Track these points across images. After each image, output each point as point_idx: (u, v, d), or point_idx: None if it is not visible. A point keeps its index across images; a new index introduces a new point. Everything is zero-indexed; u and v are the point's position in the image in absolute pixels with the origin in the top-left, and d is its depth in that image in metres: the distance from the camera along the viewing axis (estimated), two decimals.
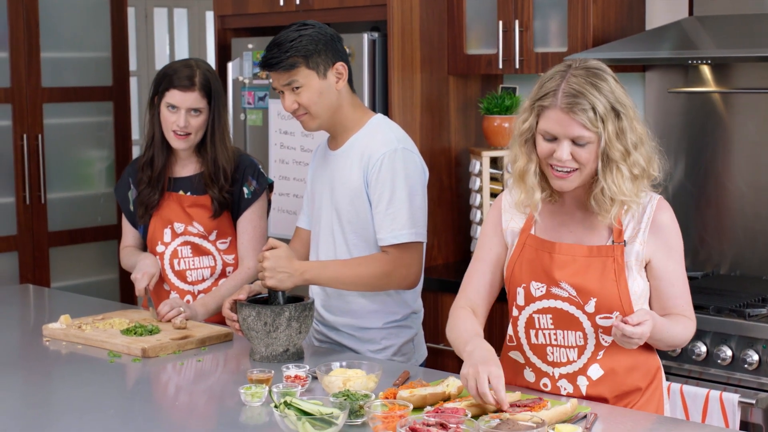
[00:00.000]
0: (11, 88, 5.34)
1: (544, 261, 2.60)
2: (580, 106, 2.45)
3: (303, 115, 3.14)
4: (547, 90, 2.50)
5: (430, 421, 2.25)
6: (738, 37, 3.79)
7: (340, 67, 3.13)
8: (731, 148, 4.00)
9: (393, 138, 3.14)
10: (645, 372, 2.63)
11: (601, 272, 2.55)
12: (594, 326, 2.56)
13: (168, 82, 3.44)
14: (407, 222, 3.08)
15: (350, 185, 3.14)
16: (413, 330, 3.28)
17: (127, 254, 3.69)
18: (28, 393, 2.84)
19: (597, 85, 2.47)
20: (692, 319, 2.63)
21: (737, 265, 4.02)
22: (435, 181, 4.44)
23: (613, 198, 2.51)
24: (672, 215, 2.63)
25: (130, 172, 3.69)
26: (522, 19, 4.16)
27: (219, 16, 4.96)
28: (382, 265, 3.10)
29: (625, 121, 2.49)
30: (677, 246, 2.62)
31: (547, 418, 2.31)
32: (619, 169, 2.49)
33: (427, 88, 4.39)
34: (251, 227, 3.53)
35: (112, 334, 3.22)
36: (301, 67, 3.08)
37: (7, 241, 5.38)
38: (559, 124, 2.47)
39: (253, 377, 2.71)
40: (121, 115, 5.86)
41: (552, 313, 2.59)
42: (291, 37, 3.08)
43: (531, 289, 2.61)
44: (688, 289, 2.65)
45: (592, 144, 2.48)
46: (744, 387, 3.38)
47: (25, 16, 5.36)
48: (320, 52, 3.09)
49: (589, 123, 2.45)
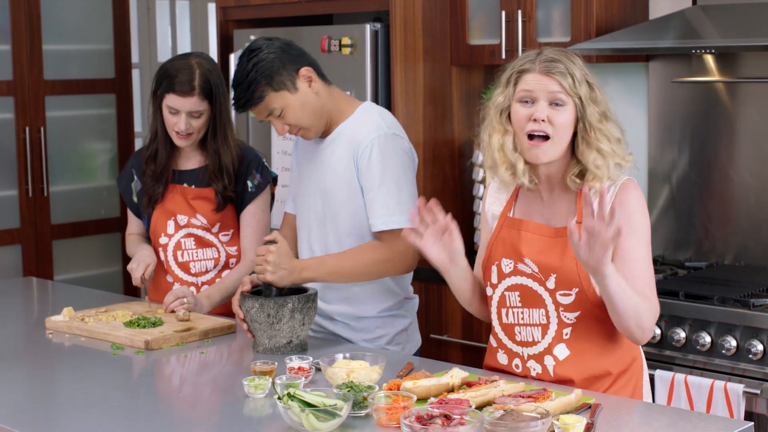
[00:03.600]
0: (13, 81, 5.34)
1: (514, 238, 2.68)
2: (558, 68, 2.56)
3: (298, 131, 3.13)
4: (525, 59, 2.61)
5: (434, 413, 2.24)
6: (742, 26, 3.77)
7: (306, 72, 3.09)
8: (735, 138, 3.99)
9: (382, 124, 3.13)
10: (617, 358, 2.63)
11: (562, 250, 2.59)
12: (555, 303, 2.60)
13: (168, 85, 3.42)
14: (398, 208, 3.08)
15: (341, 173, 3.13)
16: (408, 319, 3.29)
17: (131, 242, 3.70)
18: (32, 385, 2.84)
19: (570, 58, 2.59)
20: (652, 302, 2.57)
21: (742, 256, 4.01)
22: (438, 172, 4.43)
23: (600, 152, 2.55)
24: (637, 195, 2.60)
25: (133, 163, 3.68)
26: (525, 9, 4.14)
27: (221, 7, 4.95)
28: (379, 253, 3.10)
29: (597, 93, 2.58)
30: (639, 226, 2.58)
31: (551, 409, 2.30)
32: (600, 129, 2.57)
33: (430, 79, 4.38)
34: (255, 221, 3.53)
35: (115, 327, 3.22)
36: (270, 94, 3.05)
37: (10, 233, 5.38)
38: (538, 82, 2.56)
39: (257, 369, 2.71)
40: (124, 108, 5.86)
41: (519, 290, 2.65)
42: (246, 70, 3.04)
43: (502, 265, 2.68)
44: (649, 272, 2.60)
45: (567, 108, 2.55)
46: (749, 377, 3.38)
47: (26, 9, 5.35)
48: (279, 70, 3.05)
49: (567, 84, 2.54)
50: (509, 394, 2.43)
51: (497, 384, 2.48)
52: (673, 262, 4.11)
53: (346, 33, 4.37)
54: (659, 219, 4.20)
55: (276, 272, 2.98)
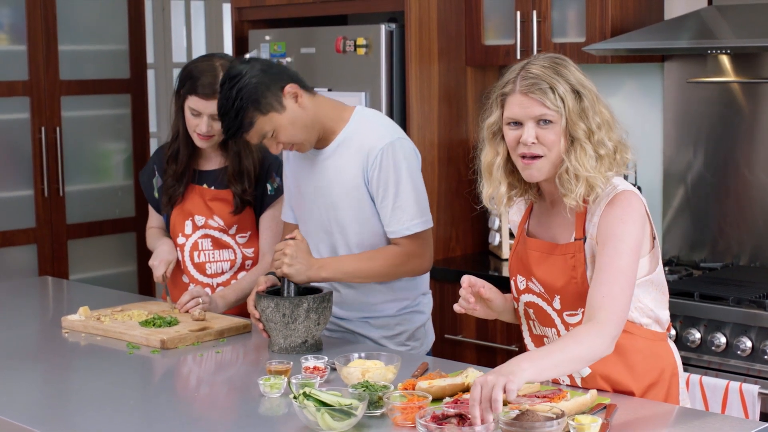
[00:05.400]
0: (29, 81, 5.36)
1: (524, 255, 2.65)
2: (538, 86, 2.48)
3: (292, 147, 3.11)
4: (507, 80, 2.55)
5: (450, 412, 2.24)
6: (757, 26, 3.76)
7: (290, 89, 3.04)
8: (751, 138, 3.98)
9: (385, 131, 3.12)
10: (643, 372, 2.57)
11: (562, 269, 2.55)
12: (564, 323, 2.58)
13: (191, 86, 3.38)
14: (416, 212, 3.09)
15: (348, 182, 3.12)
16: (425, 315, 3.30)
17: (151, 236, 3.71)
18: (48, 384, 2.85)
19: (555, 69, 2.51)
20: (602, 322, 2.39)
21: (757, 256, 4.00)
22: (453, 172, 4.43)
23: (577, 175, 2.48)
24: (628, 203, 2.48)
25: (155, 159, 3.68)
26: (540, 9, 4.14)
27: (236, 8, 4.96)
28: (396, 257, 3.10)
29: (587, 102, 2.49)
30: (621, 234, 2.45)
31: (566, 409, 2.30)
32: (583, 148, 2.48)
33: (445, 79, 4.38)
34: (274, 224, 3.52)
35: (130, 326, 3.23)
36: (258, 118, 3.01)
37: (26, 233, 5.40)
38: (521, 107, 2.50)
39: (272, 368, 2.71)
40: (139, 108, 5.87)
41: (533, 308, 2.64)
42: (231, 98, 2.99)
43: (517, 282, 2.67)
44: (618, 280, 2.43)
45: (556, 125, 2.48)
46: (764, 378, 3.37)
47: (42, 9, 5.37)
48: (265, 93, 3.00)
49: (549, 102, 2.47)
50: (524, 394, 2.42)
51: None
52: (689, 263, 4.10)
53: (361, 33, 4.37)
54: (674, 219, 4.19)
55: (293, 265, 2.98)
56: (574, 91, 2.49)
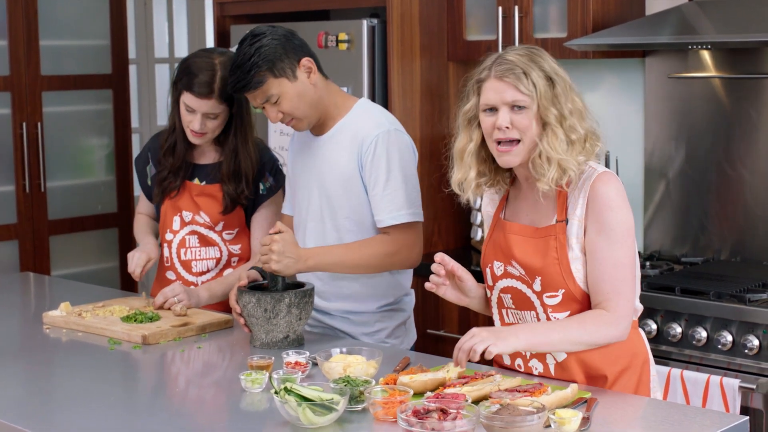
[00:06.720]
0: (10, 77, 5.33)
1: (502, 240, 2.68)
2: (512, 71, 2.55)
3: (290, 121, 3.12)
4: (483, 67, 2.62)
5: (431, 407, 2.25)
6: (738, 21, 3.78)
7: (307, 62, 3.09)
8: (731, 134, 4.00)
9: (383, 120, 3.14)
10: (616, 356, 2.60)
11: (544, 251, 2.58)
12: (543, 305, 2.60)
13: (187, 82, 3.34)
14: (405, 202, 3.09)
15: (341, 169, 3.13)
16: (406, 313, 3.30)
17: (138, 223, 3.70)
18: (29, 381, 2.84)
19: (531, 56, 2.58)
20: (614, 312, 2.51)
21: (738, 251, 4.02)
22: (435, 167, 4.43)
23: (549, 158, 2.53)
24: (613, 190, 2.54)
25: (149, 147, 3.65)
26: (522, 4, 4.15)
27: (218, 3, 4.95)
28: (385, 247, 3.10)
29: (559, 89, 2.56)
30: (613, 223, 2.52)
31: (547, 403, 2.31)
32: (554, 132, 2.53)
33: (427, 75, 4.38)
34: (267, 223, 3.49)
35: (112, 322, 3.22)
36: (269, 80, 3.04)
37: (7, 229, 5.38)
38: (495, 91, 2.56)
39: (254, 364, 2.71)
40: (121, 103, 5.85)
41: (511, 292, 2.66)
42: (248, 54, 3.03)
43: (494, 268, 2.70)
44: (622, 276, 2.53)
45: (529, 110, 2.54)
46: (744, 372, 3.38)
47: (23, 4, 5.34)
48: (282, 57, 3.04)
49: (522, 86, 2.53)
50: (505, 388, 2.44)
51: (494, 378, 2.48)
52: (670, 258, 4.12)
53: (342, 28, 4.37)
54: (655, 214, 4.21)
55: (281, 261, 2.98)
56: (547, 78, 2.56)
